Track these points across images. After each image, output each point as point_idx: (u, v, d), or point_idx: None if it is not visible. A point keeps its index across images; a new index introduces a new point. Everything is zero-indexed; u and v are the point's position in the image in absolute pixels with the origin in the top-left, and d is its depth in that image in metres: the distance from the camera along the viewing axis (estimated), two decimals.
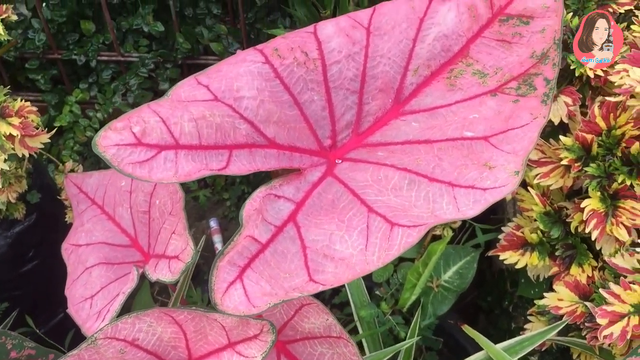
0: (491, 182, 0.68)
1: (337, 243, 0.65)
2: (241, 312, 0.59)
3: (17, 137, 0.92)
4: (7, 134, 0.91)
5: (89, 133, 1.76)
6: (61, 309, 1.42)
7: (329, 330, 0.80)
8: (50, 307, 1.41)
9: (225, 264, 0.61)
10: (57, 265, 1.40)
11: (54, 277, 1.38)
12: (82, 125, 1.75)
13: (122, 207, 0.96)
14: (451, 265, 1.25)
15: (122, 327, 0.71)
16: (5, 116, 0.92)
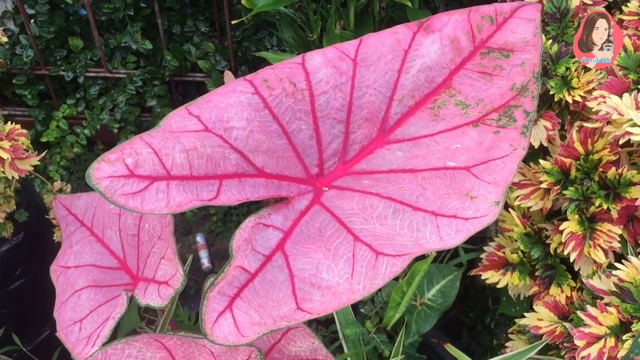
0: (473, 211, 0.70)
1: (324, 272, 0.67)
2: (231, 342, 0.60)
3: (7, 160, 0.93)
4: None
5: (76, 149, 1.76)
6: (47, 327, 1.43)
7: (314, 354, 0.82)
8: (36, 325, 1.41)
9: (215, 294, 0.62)
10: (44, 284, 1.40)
11: (41, 295, 1.39)
12: (69, 141, 1.76)
13: (111, 230, 0.97)
14: (434, 284, 1.28)
15: (112, 353, 0.73)
16: None
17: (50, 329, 1.43)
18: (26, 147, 0.98)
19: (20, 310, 1.35)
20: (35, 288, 1.36)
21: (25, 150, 0.97)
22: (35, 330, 1.41)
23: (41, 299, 1.40)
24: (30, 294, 1.35)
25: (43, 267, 1.39)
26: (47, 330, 1.42)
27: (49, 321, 1.44)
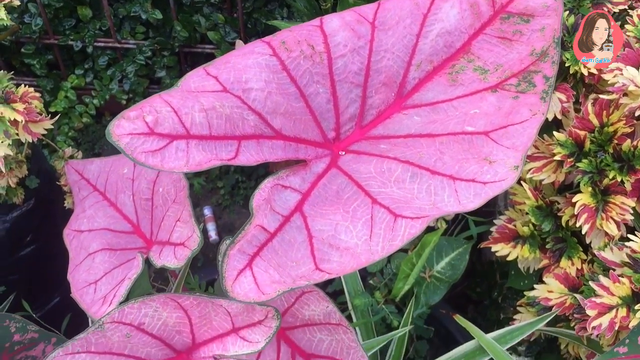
0: (491, 176, 0.70)
1: (343, 233, 0.67)
2: (251, 299, 0.60)
3: (21, 122, 0.93)
4: (12, 120, 0.92)
5: (85, 119, 1.76)
6: (57, 294, 1.43)
7: (328, 317, 0.82)
8: (46, 292, 1.42)
9: (235, 252, 0.62)
10: (54, 251, 1.41)
11: (51, 262, 1.39)
12: (78, 111, 1.76)
13: (124, 194, 0.97)
14: (444, 257, 1.28)
15: (128, 312, 0.73)
16: (9, 102, 0.92)
17: (61, 296, 1.44)
18: (39, 110, 0.98)
19: (30, 276, 1.35)
20: (46, 255, 1.36)
21: (39, 114, 0.97)
22: (45, 297, 1.42)
23: (51, 265, 1.40)
24: (41, 261, 1.35)
25: (53, 234, 1.39)
26: (57, 298, 1.43)
27: (59, 288, 1.45)
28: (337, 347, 0.84)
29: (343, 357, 0.84)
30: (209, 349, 0.76)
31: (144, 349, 0.76)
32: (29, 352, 0.90)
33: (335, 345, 0.84)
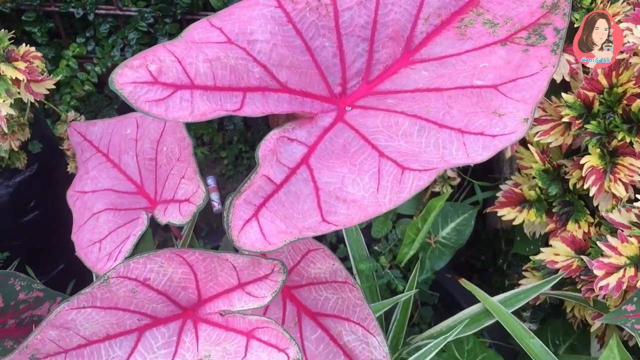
0: (500, 129, 0.69)
1: (349, 186, 0.66)
2: (257, 248, 0.60)
3: (22, 81, 0.92)
4: (13, 78, 0.91)
5: (87, 87, 1.75)
6: (61, 261, 1.43)
7: (334, 275, 0.82)
8: (51, 258, 1.42)
9: (241, 202, 0.62)
10: (58, 217, 1.40)
11: (55, 229, 1.39)
12: (80, 79, 1.74)
13: (127, 155, 0.96)
14: (449, 222, 1.27)
15: (134, 267, 0.72)
16: (11, 60, 0.91)
17: (65, 263, 1.44)
18: (41, 70, 0.97)
19: (34, 242, 1.35)
20: (49, 221, 1.36)
21: (40, 74, 0.96)
22: (49, 264, 1.42)
23: (55, 232, 1.40)
24: (44, 227, 1.35)
25: (57, 200, 1.39)
26: (62, 265, 1.43)
27: (64, 255, 1.45)
28: (342, 305, 0.83)
29: (349, 315, 0.83)
30: (215, 305, 0.75)
31: (150, 305, 0.76)
32: (35, 311, 0.90)
33: (341, 303, 0.83)
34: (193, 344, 0.75)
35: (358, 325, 0.82)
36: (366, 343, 0.82)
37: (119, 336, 0.76)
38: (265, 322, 0.71)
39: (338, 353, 0.84)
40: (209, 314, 0.76)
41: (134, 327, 0.77)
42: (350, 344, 0.83)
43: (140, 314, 0.76)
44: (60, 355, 0.75)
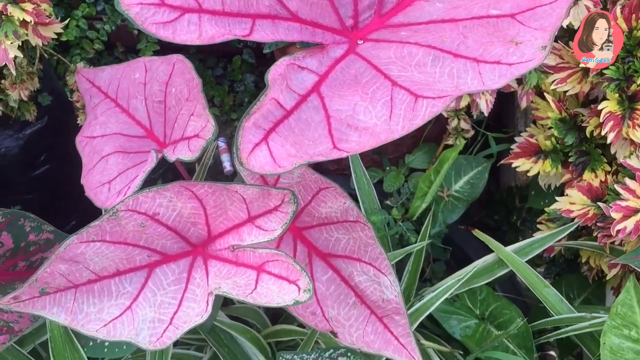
0: (517, 57, 0.67)
1: (361, 113, 0.65)
2: (267, 171, 0.59)
3: (30, 24, 0.91)
4: (21, 20, 0.89)
5: (97, 46, 1.73)
6: (73, 217, 1.43)
7: (346, 214, 0.81)
8: (62, 214, 1.42)
9: (250, 125, 0.60)
10: (69, 172, 1.40)
11: (66, 184, 1.39)
12: (90, 37, 1.73)
13: (136, 100, 0.95)
14: (462, 176, 1.25)
15: (142, 201, 0.72)
16: (18, 1, 0.90)
17: (77, 220, 1.44)
18: (49, 13, 0.95)
19: (45, 197, 1.35)
20: (60, 176, 1.35)
21: (48, 17, 0.95)
22: (61, 220, 1.41)
23: (66, 188, 1.39)
24: (55, 182, 1.35)
25: (68, 155, 1.38)
26: (74, 221, 1.43)
27: (76, 211, 1.45)
28: (354, 245, 0.82)
29: (360, 256, 0.82)
30: (225, 241, 0.75)
31: (160, 240, 0.75)
32: (45, 253, 0.90)
33: (353, 244, 0.82)
34: (203, 280, 0.74)
35: (369, 266, 0.81)
36: (377, 283, 0.81)
37: (129, 272, 0.76)
38: (275, 255, 0.70)
39: (349, 294, 0.84)
40: (219, 250, 0.75)
41: (144, 263, 0.76)
42: (361, 285, 0.82)
43: (150, 250, 0.76)
44: (70, 291, 0.74)
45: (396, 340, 0.82)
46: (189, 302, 0.74)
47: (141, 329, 0.73)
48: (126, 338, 0.73)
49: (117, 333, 0.73)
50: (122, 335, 0.73)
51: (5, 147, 1.21)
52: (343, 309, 0.83)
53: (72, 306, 0.74)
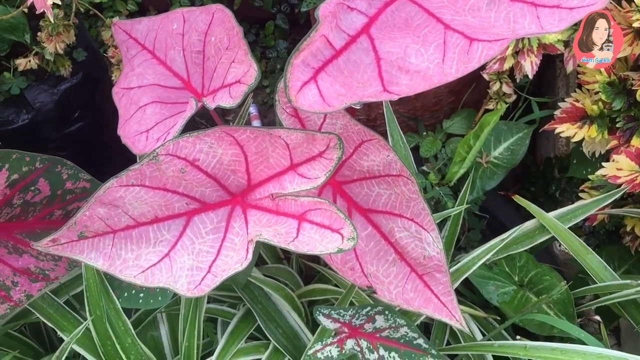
0: (578, 1, 0.63)
1: (413, 56, 0.62)
2: (316, 109, 0.56)
3: None
4: None
5: (130, 7, 1.72)
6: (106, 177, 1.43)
7: (388, 168, 0.78)
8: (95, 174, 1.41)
9: (299, 62, 0.58)
10: (102, 130, 1.40)
11: (99, 143, 1.39)
12: None
13: (174, 50, 0.93)
14: (502, 142, 1.22)
15: (183, 145, 0.70)
16: None
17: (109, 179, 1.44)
18: None
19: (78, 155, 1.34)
20: (93, 134, 1.35)
21: None
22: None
23: (100, 147, 1.39)
24: (88, 140, 1.34)
25: (101, 113, 1.38)
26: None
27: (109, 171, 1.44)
28: (395, 200, 0.80)
29: (402, 211, 0.80)
30: (265, 189, 0.73)
31: (199, 188, 0.74)
32: (81, 203, 0.89)
33: (394, 199, 0.80)
34: (242, 229, 0.73)
35: (411, 222, 0.79)
36: (419, 239, 0.79)
37: (167, 219, 0.75)
38: (318, 203, 0.68)
39: (389, 250, 0.82)
40: (259, 199, 0.73)
41: (182, 211, 0.75)
42: (402, 241, 0.80)
43: (188, 198, 0.74)
44: (108, 236, 0.73)
45: (436, 298, 0.79)
46: (227, 250, 0.73)
47: (179, 277, 0.72)
48: (164, 285, 0.72)
49: (155, 279, 0.72)
50: (160, 281, 0.72)
51: (40, 102, 1.21)
52: (382, 265, 0.81)
53: (110, 252, 0.73)
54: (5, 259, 0.86)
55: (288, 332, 0.97)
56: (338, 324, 0.83)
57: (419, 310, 0.80)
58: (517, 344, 0.84)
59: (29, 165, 0.82)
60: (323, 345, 0.82)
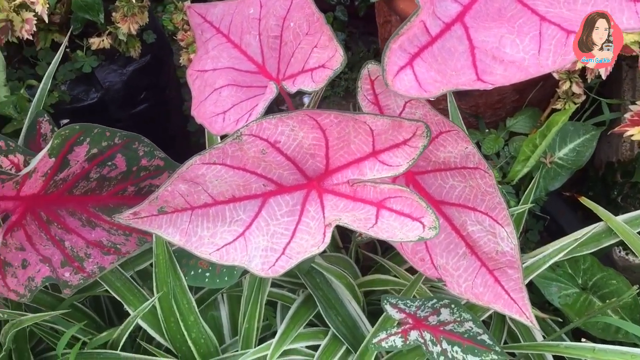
0: None
1: (507, 46, 0.61)
2: (412, 94, 0.56)
3: None
4: None
5: None
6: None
7: (465, 160, 0.78)
8: None
9: (397, 47, 0.58)
10: (164, 113, 1.42)
11: (162, 125, 1.41)
12: None
13: (249, 35, 0.94)
14: (568, 143, 1.20)
15: (266, 127, 0.71)
16: None
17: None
18: None
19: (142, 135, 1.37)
20: (156, 116, 1.37)
21: None
22: None
23: (163, 128, 1.42)
24: (152, 122, 1.36)
25: (165, 95, 1.40)
26: None
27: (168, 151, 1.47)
28: (470, 193, 0.79)
29: (476, 205, 0.79)
30: (343, 175, 0.73)
31: (277, 170, 0.75)
32: (154, 180, 0.91)
33: (469, 192, 0.79)
34: (318, 213, 0.73)
35: (485, 215, 0.78)
36: (492, 234, 0.78)
37: (244, 200, 0.75)
38: (398, 191, 0.68)
39: (460, 244, 0.81)
40: (336, 184, 0.74)
41: (259, 192, 0.76)
42: (474, 235, 0.80)
43: (266, 179, 0.75)
44: (186, 212, 0.75)
45: (507, 294, 0.79)
46: (302, 234, 0.73)
47: (253, 256, 0.73)
48: (239, 263, 0.73)
49: (230, 258, 0.73)
50: (235, 260, 0.73)
51: (109, 82, 1.23)
52: (452, 258, 0.81)
53: (187, 228, 0.74)
54: (79, 231, 0.88)
55: (347, 320, 0.97)
56: (403, 315, 0.83)
57: (488, 305, 0.79)
58: (584, 346, 0.83)
59: (109, 141, 0.84)
60: (387, 334, 0.82)
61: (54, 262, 0.86)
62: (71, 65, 1.22)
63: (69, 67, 1.22)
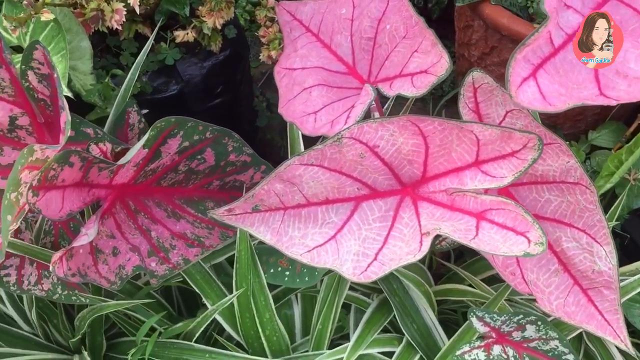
0: None
1: (632, 62, 0.59)
2: (536, 107, 0.55)
3: None
4: None
5: None
6: None
7: (565, 175, 0.75)
8: None
9: (521, 57, 0.57)
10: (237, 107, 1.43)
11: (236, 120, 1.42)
12: None
13: (340, 35, 0.93)
14: None
15: (366, 130, 0.70)
16: None
17: None
18: None
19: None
20: (229, 111, 1.38)
21: None
22: None
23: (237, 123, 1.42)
24: (226, 117, 1.37)
25: (239, 91, 1.41)
26: None
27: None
28: (567, 209, 0.77)
29: (573, 221, 0.77)
30: (441, 183, 0.72)
31: (372, 174, 0.74)
32: (239, 176, 0.91)
33: (566, 207, 0.77)
34: (413, 220, 0.72)
35: (583, 233, 0.76)
36: (590, 252, 0.76)
37: (336, 202, 0.75)
38: (501, 203, 0.67)
39: (552, 260, 0.79)
40: (432, 193, 0.72)
41: (352, 195, 0.75)
42: (569, 252, 0.77)
43: (360, 183, 0.74)
44: (279, 212, 0.74)
45: (600, 315, 0.76)
46: (395, 240, 0.72)
47: (345, 260, 0.72)
48: (330, 266, 0.72)
49: (322, 260, 0.73)
50: (327, 263, 0.72)
51: (189, 75, 1.24)
52: (543, 274, 0.79)
53: (279, 227, 0.74)
54: (164, 222, 0.89)
55: (422, 328, 0.96)
56: (487, 328, 0.81)
57: (580, 325, 0.77)
58: None
59: (200, 135, 0.84)
60: (470, 347, 0.81)
61: (142, 251, 0.87)
62: (154, 56, 1.23)
63: (152, 59, 1.24)
